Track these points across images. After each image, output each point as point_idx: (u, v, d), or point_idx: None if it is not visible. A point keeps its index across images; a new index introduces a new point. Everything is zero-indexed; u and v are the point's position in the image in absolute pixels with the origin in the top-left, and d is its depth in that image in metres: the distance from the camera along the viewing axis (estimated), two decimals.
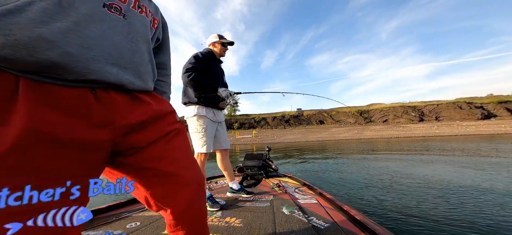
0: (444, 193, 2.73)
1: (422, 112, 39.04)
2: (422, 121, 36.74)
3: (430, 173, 3.97)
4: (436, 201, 2.46)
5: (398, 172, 4.21)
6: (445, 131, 22.63)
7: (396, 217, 2.04)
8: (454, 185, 3.10)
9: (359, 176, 4.07)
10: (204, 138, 1.55)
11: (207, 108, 1.59)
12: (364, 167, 5.00)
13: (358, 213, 1.23)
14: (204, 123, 1.55)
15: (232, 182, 1.81)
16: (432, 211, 2.17)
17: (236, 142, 23.71)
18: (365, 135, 23.56)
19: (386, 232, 0.98)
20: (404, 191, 2.93)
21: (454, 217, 2.00)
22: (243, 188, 1.84)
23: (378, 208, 2.33)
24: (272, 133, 33.88)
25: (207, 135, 1.57)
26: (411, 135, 21.43)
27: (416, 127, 28.94)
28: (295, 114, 46.32)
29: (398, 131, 25.94)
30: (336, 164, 5.71)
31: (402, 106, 41.34)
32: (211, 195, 1.53)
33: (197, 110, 1.55)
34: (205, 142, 1.55)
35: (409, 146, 10.34)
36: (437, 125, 29.39)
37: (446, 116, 36.41)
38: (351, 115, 43.10)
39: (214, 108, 1.63)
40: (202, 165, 1.57)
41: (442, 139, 15.24)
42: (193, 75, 1.48)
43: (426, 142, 12.80)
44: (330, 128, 35.41)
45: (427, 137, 18.82)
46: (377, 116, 41.42)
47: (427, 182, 3.33)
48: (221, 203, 1.53)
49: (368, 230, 1.02)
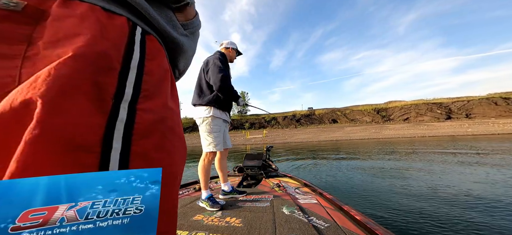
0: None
1: (449, 109, 35.51)
2: (450, 119, 33.37)
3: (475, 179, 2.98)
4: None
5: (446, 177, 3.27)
6: (479, 129, 20.05)
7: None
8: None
9: (392, 183, 3.20)
10: (219, 138, 1.63)
11: (221, 110, 1.66)
12: (395, 171, 4.07)
13: (358, 213, 1.21)
14: (218, 124, 1.64)
15: (225, 184, 1.80)
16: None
17: (246, 142, 23.11)
18: (383, 134, 21.69)
19: (386, 232, 0.98)
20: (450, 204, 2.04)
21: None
22: (234, 189, 1.82)
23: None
24: (282, 132, 32.91)
25: (221, 135, 1.65)
26: (438, 134, 19.24)
27: (443, 126, 26.20)
28: (307, 113, 44.86)
29: (422, 129, 23.61)
30: (362, 172, 4.81)
31: (425, 103, 38.02)
32: (211, 195, 1.56)
33: (213, 112, 1.61)
34: (219, 142, 1.63)
35: (443, 146, 8.95)
36: (469, 123, 26.35)
37: (478, 113, 32.66)
38: (367, 114, 40.54)
39: (225, 110, 1.70)
40: (210, 163, 1.65)
41: (476, 138, 13.29)
42: (229, 81, 1.59)
43: (457, 141, 11.14)
44: (344, 127, 33.51)
45: (457, 136, 16.70)
46: (396, 114, 38.48)
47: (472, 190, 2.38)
48: (221, 203, 1.53)
49: (368, 230, 1.02)
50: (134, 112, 0.25)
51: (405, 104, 39.68)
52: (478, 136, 15.58)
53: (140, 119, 0.25)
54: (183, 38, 0.37)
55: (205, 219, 1.28)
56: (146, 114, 0.26)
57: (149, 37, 0.30)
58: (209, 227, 1.17)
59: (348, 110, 43.35)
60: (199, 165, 1.63)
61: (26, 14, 0.23)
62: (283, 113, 46.58)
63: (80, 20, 0.24)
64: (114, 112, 0.23)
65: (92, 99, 0.22)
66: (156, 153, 0.26)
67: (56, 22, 0.23)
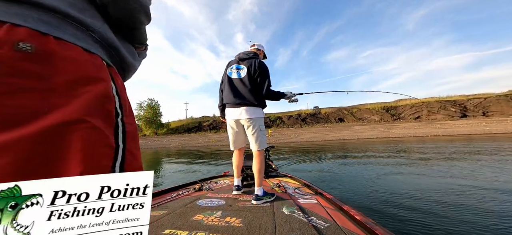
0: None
1: (464, 107, 33.67)
2: (465, 117, 31.67)
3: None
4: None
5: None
6: (497, 128, 18.80)
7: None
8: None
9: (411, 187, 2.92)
10: (265, 137, 1.79)
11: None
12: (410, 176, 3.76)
13: (358, 213, 1.21)
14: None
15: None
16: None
17: None
18: (393, 133, 20.86)
19: (386, 232, 0.98)
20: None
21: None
22: (266, 192, 1.74)
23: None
24: (288, 132, 32.48)
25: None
26: (452, 133, 18.24)
27: (457, 124, 24.83)
28: (312, 112, 44.04)
29: (434, 128, 22.48)
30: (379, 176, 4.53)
31: (438, 101, 36.25)
32: (264, 191, 1.61)
33: (263, 113, 1.78)
34: (266, 140, 1.79)
35: (457, 147, 8.39)
36: (486, 122, 24.86)
37: (496, 111, 30.76)
38: (375, 112, 39.22)
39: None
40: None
41: (493, 137, 12.43)
42: (275, 93, 1.83)
43: (473, 141, 10.43)
44: (352, 126, 32.57)
45: (474, 135, 15.74)
46: (407, 113, 36.98)
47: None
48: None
49: (368, 230, 1.02)
50: (124, 124, 0.38)
51: (416, 102, 38.06)
52: (496, 135, 14.59)
53: (129, 128, 0.39)
54: (137, 63, 0.51)
55: (205, 219, 1.28)
56: (130, 125, 0.39)
57: (111, 69, 0.41)
58: (209, 227, 1.16)
59: (356, 108, 42.16)
60: (257, 164, 1.68)
61: (37, 55, 0.29)
62: (289, 112, 46.05)
63: (88, 62, 0.35)
64: (116, 125, 0.37)
65: (105, 119, 0.35)
66: (136, 151, 0.40)
67: (63, 62, 0.31)
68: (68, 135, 0.30)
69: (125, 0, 0.41)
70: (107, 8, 0.40)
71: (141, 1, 0.44)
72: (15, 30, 0.28)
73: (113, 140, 0.35)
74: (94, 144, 0.32)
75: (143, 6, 0.45)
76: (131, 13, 0.43)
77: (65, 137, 0.29)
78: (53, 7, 0.32)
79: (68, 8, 0.33)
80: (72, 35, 0.34)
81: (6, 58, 0.27)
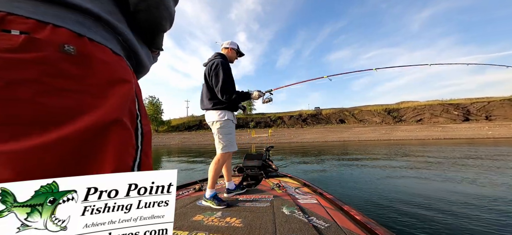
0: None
1: (467, 111, 33.44)
2: (468, 121, 31.44)
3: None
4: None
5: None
6: (500, 132, 18.65)
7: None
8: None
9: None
10: (233, 139, 1.72)
11: (232, 112, 1.75)
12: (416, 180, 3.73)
13: (358, 213, 1.20)
14: (231, 125, 1.72)
15: (230, 183, 1.89)
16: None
17: (251, 141, 22.87)
18: (394, 136, 20.74)
19: (387, 232, 0.97)
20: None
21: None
22: (237, 186, 1.91)
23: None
24: (288, 132, 32.44)
25: (233, 136, 1.75)
26: (454, 136, 18.09)
27: (460, 128, 24.68)
28: (313, 112, 43.97)
29: (436, 131, 22.34)
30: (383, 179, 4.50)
31: (441, 104, 36.05)
32: (216, 194, 1.59)
33: (227, 115, 1.69)
34: (233, 143, 1.72)
35: (458, 151, 8.31)
36: (489, 126, 24.65)
37: (499, 115, 30.52)
38: (377, 114, 39.06)
39: (234, 111, 1.78)
40: (224, 164, 1.74)
41: (496, 142, 12.30)
42: (229, 89, 1.64)
43: (475, 145, 10.33)
44: (353, 128, 32.46)
45: (476, 139, 15.58)
46: (409, 115, 36.78)
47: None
48: (226, 202, 1.54)
49: (368, 230, 1.01)
50: (142, 125, 0.40)
51: (418, 105, 37.85)
52: (499, 139, 14.45)
53: (145, 130, 0.40)
54: (150, 66, 0.53)
55: (205, 219, 1.27)
56: (146, 126, 0.41)
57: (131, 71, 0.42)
58: (209, 227, 1.16)
59: (357, 110, 42.01)
60: (212, 165, 1.65)
61: (78, 57, 0.31)
62: (290, 112, 45.98)
63: (116, 64, 0.36)
64: (136, 126, 0.38)
65: (131, 120, 0.37)
66: (149, 151, 0.42)
67: (98, 64, 0.33)
68: (106, 134, 0.31)
69: (159, 10, 0.42)
70: (138, 14, 0.41)
71: (171, 11, 0.46)
72: (57, 31, 0.29)
73: (135, 141, 0.37)
74: (125, 144, 0.34)
75: (172, 15, 0.47)
76: (160, 21, 0.44)
77: (103, 136, 0.31)
78: (87, 9, 0.33)
79: (100, 11, 0.35)
80: (103, 37, 0.35)
81: (52, 60, 0.28)
